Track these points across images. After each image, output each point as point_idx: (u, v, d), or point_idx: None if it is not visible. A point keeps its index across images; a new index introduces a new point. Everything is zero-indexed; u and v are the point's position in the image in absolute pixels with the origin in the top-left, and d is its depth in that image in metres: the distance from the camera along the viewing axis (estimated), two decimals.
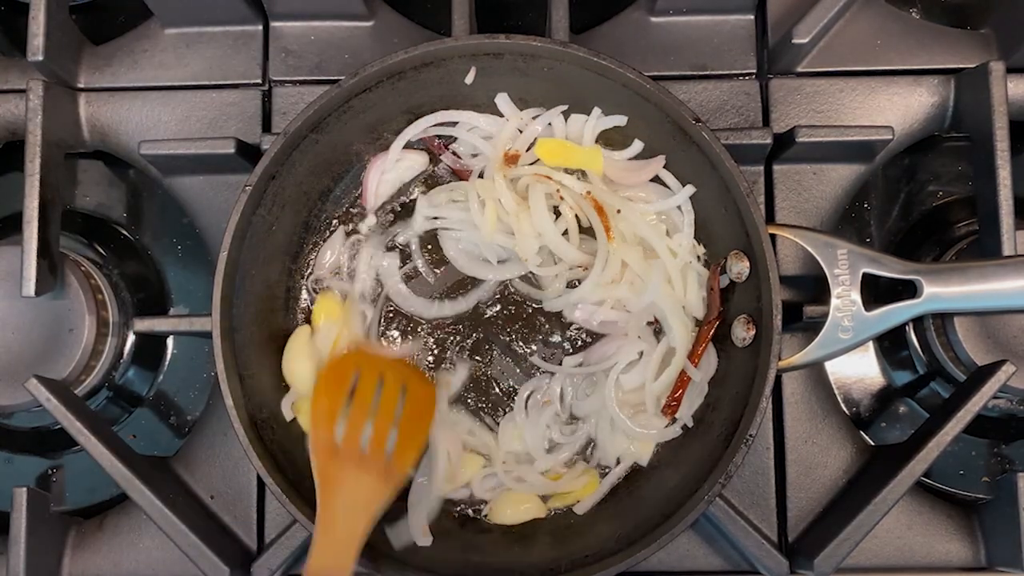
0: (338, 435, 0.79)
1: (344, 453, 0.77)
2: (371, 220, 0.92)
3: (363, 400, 0.80)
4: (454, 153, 0.93)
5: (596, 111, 0.89)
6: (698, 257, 0.89)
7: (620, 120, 0.88)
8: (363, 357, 0.86)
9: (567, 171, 0.89)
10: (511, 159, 0.89)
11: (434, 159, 0.93)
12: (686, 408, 0.87)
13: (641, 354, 0.87)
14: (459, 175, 0.92)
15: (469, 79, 0.87)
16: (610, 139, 0.90)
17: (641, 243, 0.88)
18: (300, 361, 0.88)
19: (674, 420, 0.87)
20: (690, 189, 0.87)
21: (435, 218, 0.91)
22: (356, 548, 0.73)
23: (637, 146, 0.90)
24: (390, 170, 0.92)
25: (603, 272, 0.86)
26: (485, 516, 0.88)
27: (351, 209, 0.94)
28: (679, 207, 0.88)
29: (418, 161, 0.92)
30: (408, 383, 0.83)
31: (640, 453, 0.88)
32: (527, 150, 0.90)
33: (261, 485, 0.92)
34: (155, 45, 0.99)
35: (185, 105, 0.97)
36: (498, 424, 0.89)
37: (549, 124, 0.90)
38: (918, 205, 1.00)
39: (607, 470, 0.89)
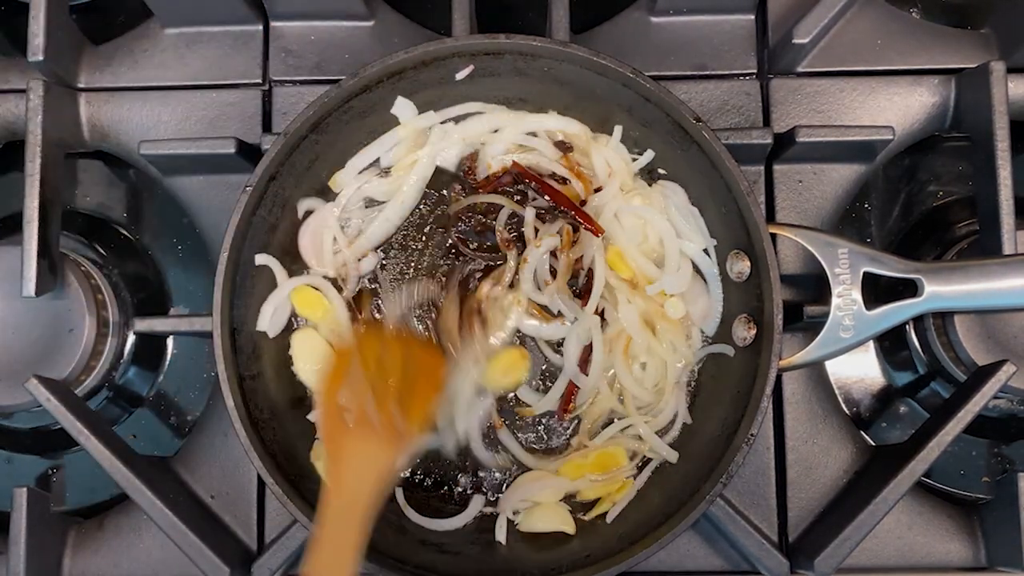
0: (342, 401, 0.79)
1: (349, 416, 0.77)
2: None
3: (365, 369, 0.80)
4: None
5: (618, 130, 0.89)
6: (705, 250, 0.89)
7: (647, 156, 0.90)
8: (363, 339, 0.85)
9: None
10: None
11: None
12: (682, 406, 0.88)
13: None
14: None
15: (460, 76, 0.87)
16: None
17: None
18: (309, 361, 0.89)
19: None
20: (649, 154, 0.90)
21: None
22: (364, 511, 0.72)
23: (648, 155, 0.90)
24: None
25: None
26: (517, 525, 0.88)
27: None
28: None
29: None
30: (410, 349, 0.84)
31: None
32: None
33: (261, 485, 0.92)
34: (155, 45, 0.99)
35: (185, 105, 0.97)
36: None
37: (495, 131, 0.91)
38: (918, 205, 1.00)
39: (636, 473, 0.88)
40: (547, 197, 0.90)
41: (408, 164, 0.91)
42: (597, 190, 0.90)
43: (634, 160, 0.90)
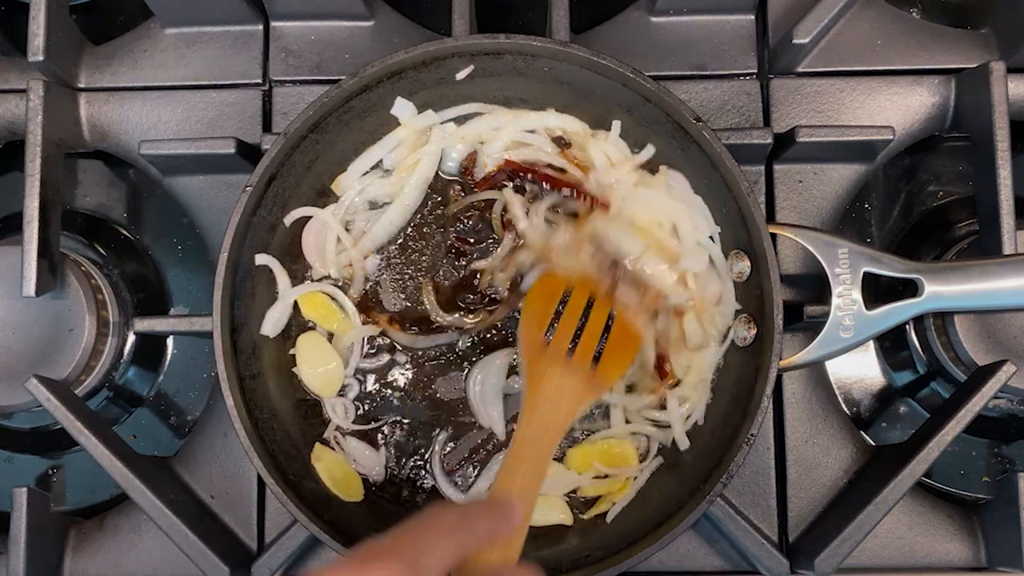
0: (546, 338, 0.81)
1: (551, 352, 0.80)
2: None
3: (573, 311, 0.82)
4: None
5: (616, 124, 0.89)
6: (711, 237, 0.88)
7: (647, 151, 0.89)
8: (577, 278, 0.86)
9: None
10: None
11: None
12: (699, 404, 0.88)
13: None
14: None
15: (461, 76, 0.87)
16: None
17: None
18: (313, 364, 0.89)
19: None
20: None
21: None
22: (553, 440, 0.75)
23: (649, 150, 0.89)
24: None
25: None
26: None
27: None
28: None
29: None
30: (618, 311, 0.85)
31: None
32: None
33: (261, 485, 0.92)
34: (155, 45, 0.99)
35: (185, 105, 0.97)
36: None
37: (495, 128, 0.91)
38: (919, 205, 1.00)
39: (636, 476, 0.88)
40: (547, 185, 0.89)
41: (410, 165, 0.91)
42: None
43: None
